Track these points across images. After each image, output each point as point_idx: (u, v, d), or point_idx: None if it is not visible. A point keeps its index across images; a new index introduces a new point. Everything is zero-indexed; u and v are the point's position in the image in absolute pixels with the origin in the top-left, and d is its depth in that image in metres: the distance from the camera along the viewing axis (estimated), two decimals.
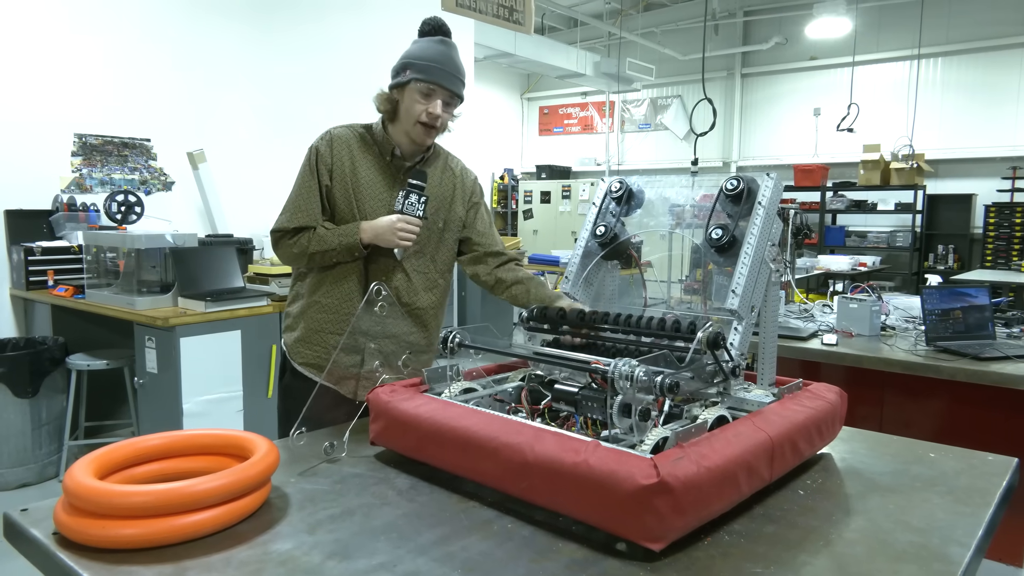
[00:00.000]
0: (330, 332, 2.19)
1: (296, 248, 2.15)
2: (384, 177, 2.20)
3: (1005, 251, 9.73)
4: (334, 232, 2.13)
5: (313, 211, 2.15)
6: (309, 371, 2.21)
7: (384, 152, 2.20)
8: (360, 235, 2.10)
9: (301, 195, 2.16)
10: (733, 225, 1.64)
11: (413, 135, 2.14)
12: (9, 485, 4.19)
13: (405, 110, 2.12)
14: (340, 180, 2.16)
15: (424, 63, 2.08)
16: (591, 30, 13.46)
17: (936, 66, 10.80)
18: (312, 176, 2.16)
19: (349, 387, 2.20)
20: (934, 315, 3.09)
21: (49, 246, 4.68)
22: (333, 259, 2.14)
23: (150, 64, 5.63)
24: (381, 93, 2.18)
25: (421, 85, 2.08)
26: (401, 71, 2.13)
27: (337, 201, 2.17)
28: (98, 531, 1.22)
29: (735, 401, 1.62)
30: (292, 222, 2.15)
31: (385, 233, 2.08)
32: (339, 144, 2.18)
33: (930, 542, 1.28)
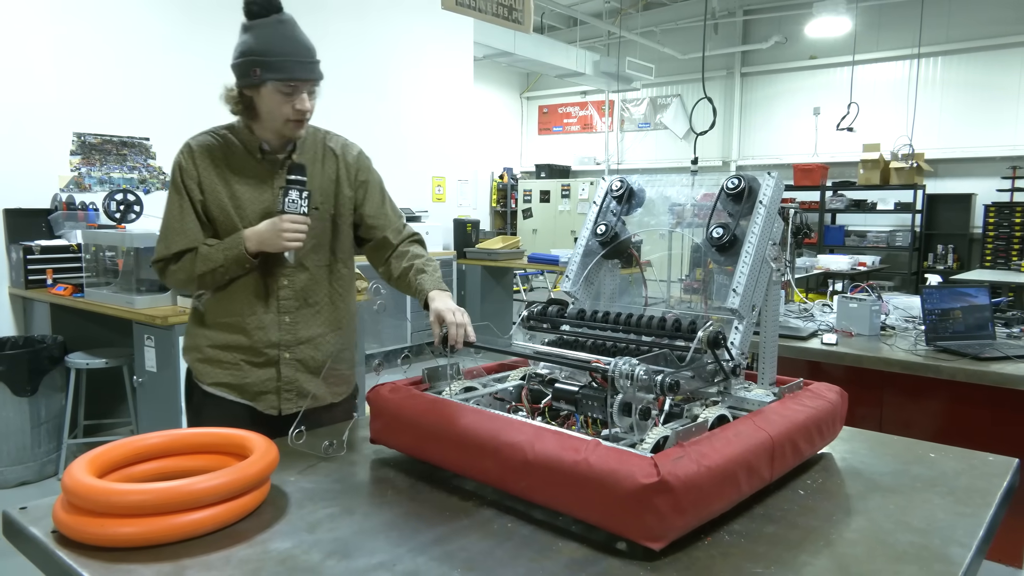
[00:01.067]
0: (238, 348, 2.01)
1: (182, 274, 1.98)
2: (259, 177, 2.02)
3: (1005, 251, 9.73)
4: (218, 248, 1.95)
5: (190, 231, 1.97)
6: (221, 391, 2.03)
7: (252, 150, 2.02)
8: (245, 244, 1.92)
9: (173, 217, 1.98)
10: (734, 224, 1.63)
11: (285, 132, 1.96)
12: (8, 483, 4.19)
13: (267, 112, 1.93)
14: (211, 191, 1.98)
15: (276, 59, 1.86)
16: (590, 29, 13.45)
17: (936, 65, 10.80)
18: (181, 195, 1.98)
19: (268, 402, 2.04)
20: (934, 315, 3.09)
21: (48, 245, 4.68)
22: (224, 275, 1.96)
23: (149, 63, 5.63)
24: (230, 94, 1.97)
25: (281, 84, 1.87)
26: (249, 71, 1.89)
27: (214, 214, 1.99)
28: (97, 529, 1.21)
29: (736, 400, 1.62)
30: (172, 247, 1.96)
31: (271, 238, 1.91)
32: (201, 154, 2.00)
33: (931, 543, 1.28)
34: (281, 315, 2.02)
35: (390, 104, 7.68)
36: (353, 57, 7.21)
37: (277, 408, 2.04)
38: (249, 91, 1.94)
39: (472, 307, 7.66)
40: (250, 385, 2.02)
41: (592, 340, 1.72)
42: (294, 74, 1.88)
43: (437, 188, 8.47)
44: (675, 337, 1.59)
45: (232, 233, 1.97)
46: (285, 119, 1.92)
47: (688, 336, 1.54)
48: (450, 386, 1.71)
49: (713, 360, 1.51)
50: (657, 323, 1.62)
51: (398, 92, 7.76)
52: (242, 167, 2.02)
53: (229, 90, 1.98)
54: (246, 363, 2.02)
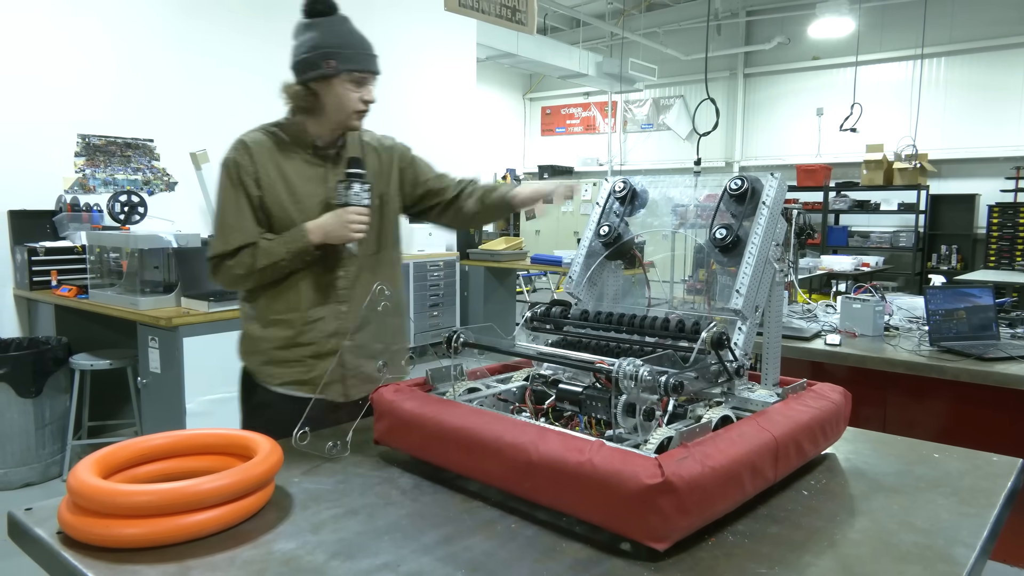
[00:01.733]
0: (300, 345, 2.07)
1: (240, 268, 2.00)
2: (314, 172, 2.08)
3: (1009, 251, 9.71)
4: (279, 241, 2.00)
5: (247, 226, 2.00)
6: (290, 389, 2.08)
7: (304, 147, 2.08)
8: (309, 237, 1.99)
9: (229, 213, 2.01)
10: (737, 225, 1.63)
11: (349, 124, 2.05)
12: (13, 484, 4.20)
13: (335, 103, 2.00)
14: (269, 187, 2.02)
15: (349, 51, 1.96)
16: (593, 30, 13.46)
17: (939, 66, 10.79)
18: (237, 190, 2.01)
19: (335, 391, 2.09)
20: (938, 315, 3.09)
21: (53, 246, 4.70)
22: (283, 269, 2.01)
23: (153, 65, 5.64)
24: (294, 88, 2.03)
25: (354, 75, 1.97)
26: (322, 62, 1.96)
27: (272, 209, 2.03)
28: (102, 530, 1.22)
29: (739, 401, 1.61)
30: (230, 244, 1.99)
31: (336, 229, 1.99)
32: (258, 150, 2.03)
33: (935, 543, 1.28)
34: (339, 304, 2.09)
35: (393, 105, 7.66)
36: None
37: (344, 395, 2.10)
38: (317, 84, 2.00)
39: (475, 308, 7.66)
40: (317, 378, 2.05)
41: (596, 341, 1.72)
42: (367, 65, 2.00)
43: None
44: (679, 338, 1.59)
45: (288, 228, 2.02)
46: (352, 110, 2.01)
47: (692, 337, 1.54)
48: (453, 387, 1.71)
49: (717, 361, 1.51)
50: (661, 324, 1.62)
51: (401, 93, 7.77)
52: (296, 163, 2.07)
53: (289, 86, 2.04)
54: (311, 357, 2.07)
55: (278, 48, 2.15)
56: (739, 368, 1.55)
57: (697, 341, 1.49)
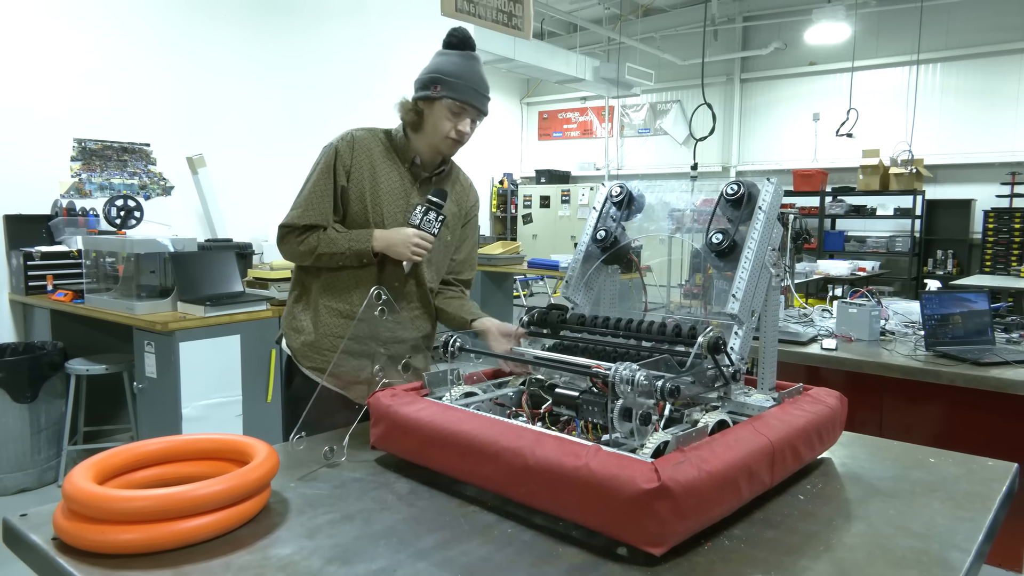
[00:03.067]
0: (340, 336, 2.16)
1: (303, 247, 2.12)
2: (402, 184, 2.19)
3: (1004, 256, 9.74)
4: (345, 236, 2.11)
5: (325, 210, 2.12)
6: (317, 375, 2.17)
7: (404, 160, 2.20)
8: (372, 243, 2.09)
9: (315, 192, 2.13)
10: (733, 230, 1.64)
11: (440, 148, 2.16)
12: (8, 490, 4.19)
13: (432, 125, 2.13)
14: (357, 183, 2.14)
15: (456, 81, 2.09)
16: (590, 35, 13.49)
17: (935, 72, 10.83)
18: (328, 175, 2.13)
19: (359, 392, 2.16)
20: (933, 320, 3.09)
21: (48, 251, 4.68)
22: (339, 262, 2.12)
23: (149, 69, 5.64)
24: (405, 102, 2.18)
25: (452, 103, 2.09)
26: (431, 85, 2.11)
27: (351, 203, 2.15)
28: (98, 536, 1.21)
29: (736, 405, 1.62)
30: (303, 219, 2.12)
31: (399, 246, 2.08)
32: (360, 147, 2.16)
33: (930, 547, 1.28)
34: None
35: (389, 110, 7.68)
36: (351, 62, 7.21)
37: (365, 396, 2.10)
38: (424, 103, 2.14)
39: None
40: (344, 373, 2.15)
41: (592, 345, 1.72)
42: (468, 98, 2.11)
43: None
44: (675, 342, 1.59)
45: (360, 227, 2.14)
46: (445, 135, 2.12)
47: (688, 341, 1.55)
48: (450, 391, 1.71)
49: (713, 365, 1.52)
50: (657, 328, 1.62)
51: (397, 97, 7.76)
52: (391, 170, 2.19)
53: (405, 101, 2.19)
54: (345, 351, 2.13)
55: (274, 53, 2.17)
56: (735, 372, 1.55)
57: (694, 346, 1.50)
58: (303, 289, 2.24)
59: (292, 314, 2.26)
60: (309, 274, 2.22)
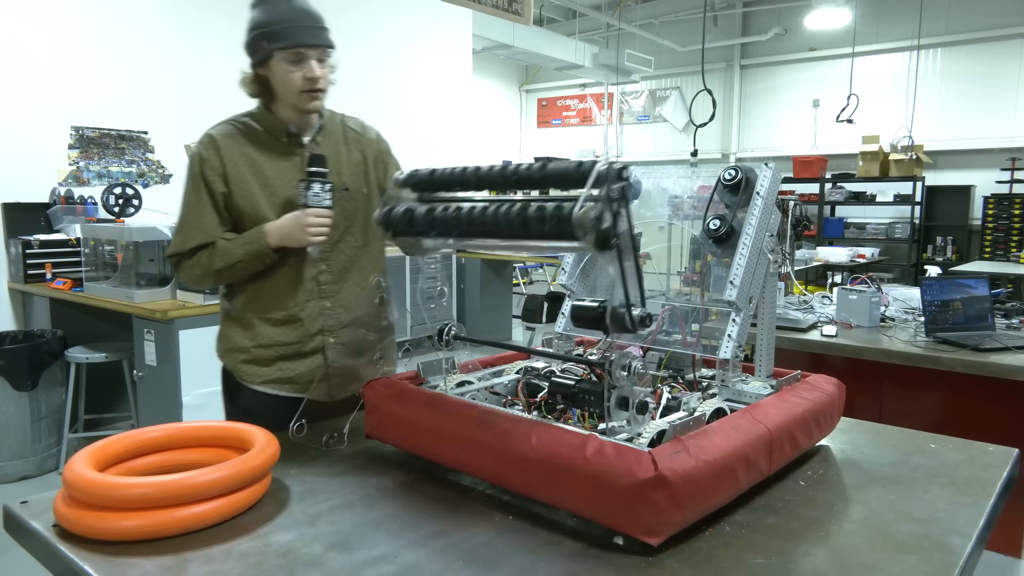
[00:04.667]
0: (282, 343, 2.00)
1: (198, 268, 1.95)
2: (290, 162, 1.99)
3: (1004, 242, 9.73)
4: (237, 242, 1.92)
5: (207, 226, 1.94)
6: (273, 388, 2.02)
7: (278, 135, 1.99)
8: (267, 239, 1.90)
9: (190, 211, 1.95)
10: (731, 216, 1.63)
11: (301, 105, 1.92)
12: (9, 478, 4.20)
13: (281, 85, 1.91)
14: (238, 182, 1.94)
15: (279, 27, 1.85)
16: (590, 21, 13.42)
17: (935, 57, 10.79)
18: (199, 187, 1.94)
19: (320, 391, 2.02)
20: (933, 306, 3.09)
21: (47, 239, 4.68)
22: (243, 271, 1.94)
23: (147, 56, 5.61)
24: (246, 77, 1.95)
25: (286, 53, 1.85)
26: (257, 45, 1.88)
27: (241, 207, 1.95)
28: (98, 523, 1.22)
29: (733, 393, 1.61)
30: (188, 243, 1.94)
31: (294, 232, 1.88)
32: (225, 144, 1.95)
33: (931, 533, 1.28)
34: (322, 300, 2.01)
35: (388, 96, 7.66)
36: (351, 49, 7.15)
37: (329, 395, 2.04)
38: (262, 69, 1.92)
39: (472, 300, 7.65)
40: (300, 376, 2.01)
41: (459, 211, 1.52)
42: (299, 39, 1.86)
43: None
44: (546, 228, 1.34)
45: (260, 223, 1.93)
46: (298, 90, 1.89)
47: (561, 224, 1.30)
48: (445, 380, 1.70)
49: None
50: (518, 217, 1.41)
51: (396, 84, 7.74)
52: (269, 152, 1.98)
53: (245, 74, 1.96)
54: (294, 355, 2.01)
55: None
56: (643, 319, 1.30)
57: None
58: (230, 306, 2.07)
59: (224, 335, 2.10)
60: (232, 292, 2.06)
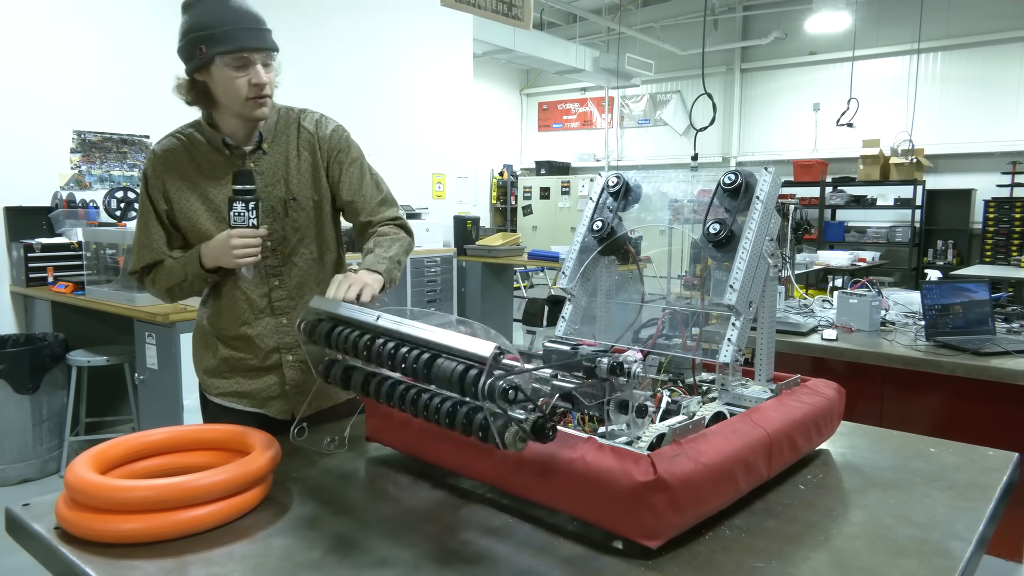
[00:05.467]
0: (237, 359, 1.95)
1: (154, 287, 1.92)
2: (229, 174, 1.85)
3: (1005, 246, 9.72)
4: (179, 262, 1.88)
5: (155, 244, 1.89)
6: (230, 401, 1.97)
7: (218, 147, 1.88)
8: (201, 261, 1.83)
9: (140, 230, 1.91)
10: (731, 220, 1.63)
11: (246, 113, 1.80)
12: (10, 480, 4.20)
13: (223, 93, 1.78)
14: (178, 199, 1.86)
15: (221, 30, 1.72)
16: (590, 25, 13.43)
17: (936, 61, 10.79)
18: (147, 206, 1.88)
19: (277, 407, 1.98)
20: (934, 310, 3.09)
21: (49, 243, 4.69)
22: (192, 289, 1.89)
23: (148, 60, 5.61)
24: (181, 84, 1.85)
25: (229, 57, 1.73)
26: (194, 50, 1.75)
27: (180, 223, 1.89)
28: (100, 526, 1.22)
29: (733, 397, 1.62)
30: (140, 261, 1.91)
31: (222, 256, 1.77)
32: (165, 160, 1.88)
33: (931, 537, 1.28)
34: (277, 317, 1.93)
35: (389, 101, 7.67)
36: (352, 54, 7.19)
37: (289, 412, 1.97)
38: (200, 75, 1.79)
39: (472, 304, 7.65)
40: (257, 392, 1.96)
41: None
42: (243, 43, 1.73)
43: (437, 185, 8.47)
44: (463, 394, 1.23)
45: (205, 240, 1.85)
46: (243, 97, 1.76)
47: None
48: None
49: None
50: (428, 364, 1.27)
51: (397, 89, 7.75)
52: (211, 166, 1.88)
53: (180, 81, 1.84)
54: (251, 371, 1.95)
55: None
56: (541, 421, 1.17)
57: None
58: (197, 321, 2.03)
59: (194, 347, 2.04)
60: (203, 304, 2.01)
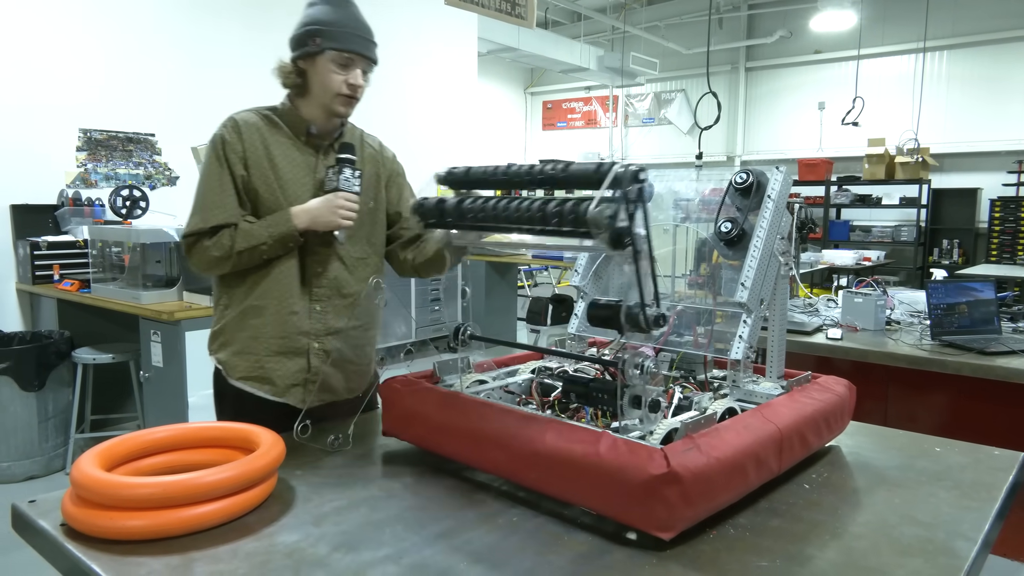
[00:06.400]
0: (271, 337, 1.96)
1: (217, 250, 1.89)
2: (304, 160, 1.99)
3: (1010, 246, 9.69)
4: (261, 225, 1.90)
5: (230, 206, 1.91)
6: (248, 384, 1.97)
7: (297, 132, 1.99)
8: (294, 221, 1.89)
9: (211, 190, 1.91)
10: (742, 218, 1.63)
11: (333, 108, 1.95)
12: (16, 477, 4.21)
13: (320, 83, 1.92)
14: (257, 167, 1.93)
15: (336, 30, 1.88)
16: (594, 24, 13.42)
17: (941, 59, 10.76)
18: (222, 167, 1.91)
19: (296, 395, 1.99)
20: (939, 310, 3.08)
21: (55, 240, 4.70)
22: (262, 255, 1.91)
23: (154, 59, 5.63)
24: (284, 66, 1.97)
25: (337, 55, 1.89)
26: (308, 39, 1.90)
27: (259, 191, 1.94)
28: (106, 522, 1.22)
29: (744, 393, 1.62)
30: (209, 221, 1.89)
31: (324, 214, 1.89)
32: (248, 129, 1.94)
33: (936, 536, 1.28)
34: (313, 303, 1.99)
35: (393, 99, 7.67)
36: None
37: (302, 400, 1.99)
38: (304, 62, 1.94)
39: (476, 303, 7.66)
40: (280, 378, 1.98)
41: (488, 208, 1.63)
42: (353, 46, 1.90)
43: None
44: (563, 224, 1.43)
45: (272, 212, 1.93)
46: (336, 93, 1.92)
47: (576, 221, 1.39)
48: (460, 379, 1.72)
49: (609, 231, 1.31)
50: (538, 209, 1.48)
51: (402, 88, 7.75)
52: (286, 148, 1.98)
53: (283, 64, 1.98)
54: (277, 353, 1.97)
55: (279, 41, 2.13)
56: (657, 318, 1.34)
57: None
58: (226, 299, 2.02)
59: (216, 330, 2.04)
60: (232, 282, 2.00)
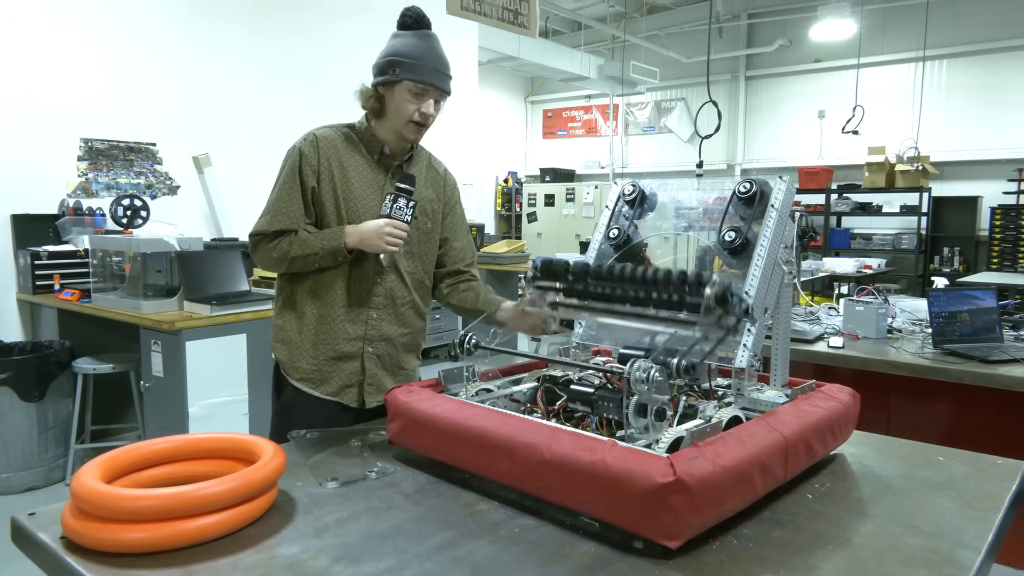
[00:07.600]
0: (323, 343, 2.12)
1: (276, 252, 2.08)
2: (374, 177, 2.15)
3: (1011, 253, 9.69)
4: (317, 236, 2.07)
5: (294, 214, 2.08)
6: (306, 386, 2.14)
7: (372, 151, 2.16)
8: (345, 239, 2.04)
9: (282, 197, 2.09)
10: (746, 227, 1.63)
11: (404, 133, 2.11)
12: (15, 489, 4.20)
13: (395, 109, 2.09)
14: (328, 182, 2.10)
15: (415, 62, 2.04)
16: (595, 33, 13.46)
17: (941, 68, 10.78)
18: (295, 178, 2.09)
19: (351, 396, 2.15)
20: (941, 318, 3.08)
21: (55, 250, 4.70)
22: (314, 264, 2.07)
23: (155, 68, 5.65)
24: (365, 90, 2.14)
25: (413, 85, 2.05)
26: (388, 69, 2.07)
27: (325, 204, 2.10)
28: (105, 535, 1.21)
29: (749, 402, 1.62)
30: (272, 225, 2.08)
31: (372, 238, 2.03)
32: (325, 145, 2.11)
33: (940, 546, 1.27)
34: (369, 311, 2.14)
35: None
36: (356, 61, 7.19)
37: (359, 400, 2.15)
38: (384, 88, 2.10)
39: None
40: (335, 379, 2.13)
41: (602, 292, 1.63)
42: (428, 78, 2.05)
43: None
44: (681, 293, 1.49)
45: (334, 225, 2.09)
46: (408, 119, 2.07)
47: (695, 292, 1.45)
48: (466, 388, 1.72)
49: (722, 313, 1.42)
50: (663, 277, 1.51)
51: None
52: (360, 166, 2.14)
53: (365, 88, 2.14)
54: (334, 358, 2.12)
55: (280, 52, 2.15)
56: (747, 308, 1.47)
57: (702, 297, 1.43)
58: (287, 297, 2.19)
59: (278, 324, 2.20)
60: (293, 280, 2.17)
